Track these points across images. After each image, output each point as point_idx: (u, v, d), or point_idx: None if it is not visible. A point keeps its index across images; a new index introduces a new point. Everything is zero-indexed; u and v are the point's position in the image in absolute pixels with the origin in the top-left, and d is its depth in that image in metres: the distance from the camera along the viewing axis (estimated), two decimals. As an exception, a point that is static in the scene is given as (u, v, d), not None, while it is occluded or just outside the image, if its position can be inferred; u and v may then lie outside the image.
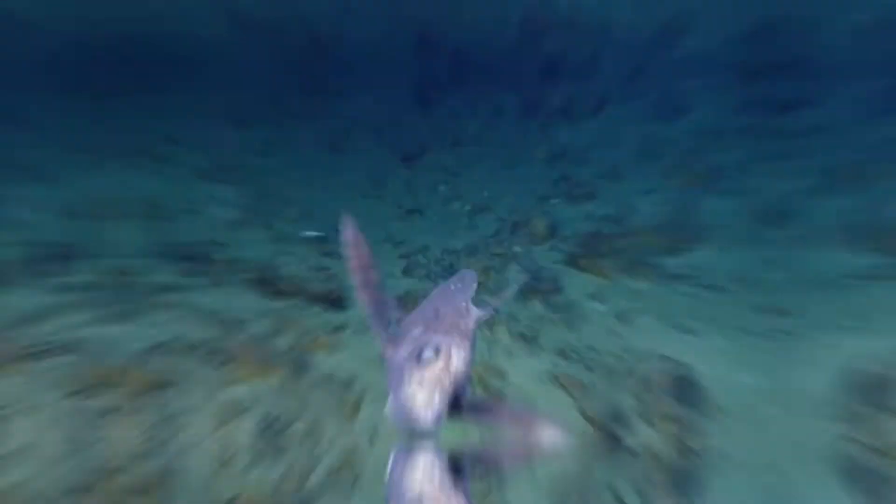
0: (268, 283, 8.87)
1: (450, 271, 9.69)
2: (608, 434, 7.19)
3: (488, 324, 8.41)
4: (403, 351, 3.26)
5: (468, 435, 3.34)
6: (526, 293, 9.44)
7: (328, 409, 6.78)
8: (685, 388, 7.50)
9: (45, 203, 9.98)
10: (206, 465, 5.69)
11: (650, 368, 7.70)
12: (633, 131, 14.79)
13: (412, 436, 3.18)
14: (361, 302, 3.90)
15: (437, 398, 3.03)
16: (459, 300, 3.67)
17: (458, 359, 3.14)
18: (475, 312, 3.52)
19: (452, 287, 3.90)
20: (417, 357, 3.13)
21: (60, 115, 12.78)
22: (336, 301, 8.78)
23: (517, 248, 10.57)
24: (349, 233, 3.95)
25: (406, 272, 9.87)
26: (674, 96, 15.67)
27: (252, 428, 6.18)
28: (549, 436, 3.43)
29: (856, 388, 7.34)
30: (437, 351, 3.12)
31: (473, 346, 3.32)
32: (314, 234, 10.58)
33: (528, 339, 8.13)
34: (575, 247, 10.42)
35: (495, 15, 19.18)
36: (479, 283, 9.10)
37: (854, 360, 7.68)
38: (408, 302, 8.85)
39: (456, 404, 3.15)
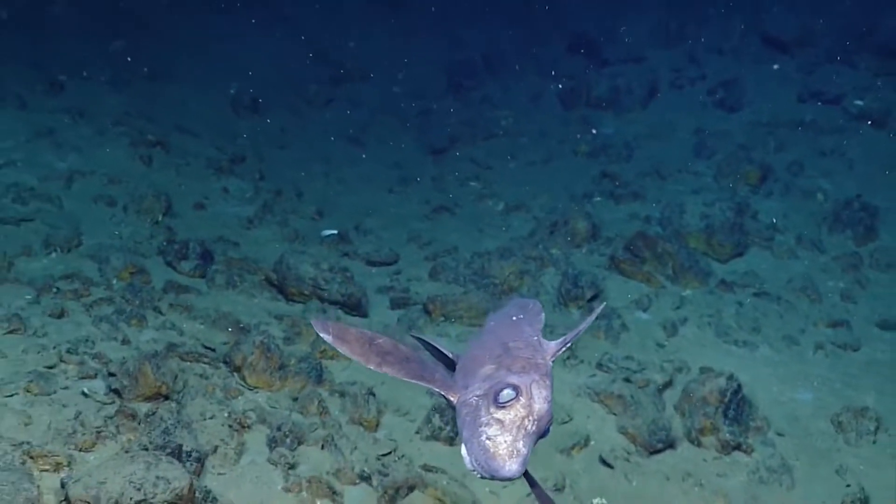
0: (282, 285, 9.08)
1: (481, 277, 9.85)
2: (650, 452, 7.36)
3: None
4: (475, 392, 3.13)
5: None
6: (565, 300, 9.61)
7: (346, 422, 6.99)
8: (734, 404, 7.63)
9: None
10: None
11: (696, 383, 7.83)
12: (685, 123, 14.89)
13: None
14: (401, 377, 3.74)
15: (521, 443, 2.87)
16: (529, 333, 3.56)
17: (539, 399, 3.00)
18: (550, 346, 3.43)
19: (514, 318, 3.80)
20: (495, 399, 2.98)
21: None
22: (355, 306, 8.98)
23: (555, 251, 10.72)
24: (333, 336, 3.48)
25: (432, 275, 10.05)
26: (732, 84, 15.74)
27: (264, 439, 6.39)
28: None
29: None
30: (516, 391, 2.98)
31: (552, 385, 3.16)
32: (332, 232, 10.78)
33: (566, 351, 8.27)
34: (618, 250, 10.55)
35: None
36: (513, 289, 9.33)
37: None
38: (433, 309, 9.06)
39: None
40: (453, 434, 7.11)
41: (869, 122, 13.92)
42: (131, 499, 4.95)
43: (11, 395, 6.13)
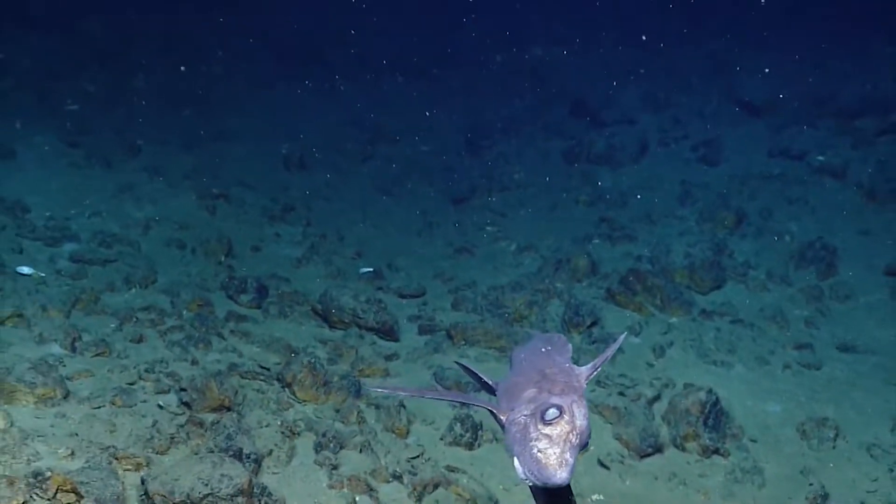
0: (326, 315, 9.17)
1: (496, 307, 9.89)
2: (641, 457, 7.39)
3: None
4: (522, 412, 3.16)
5: None
6: (568, 327, 9.63)
7: (381, 430, 7.05)
8: (713, 415, 7.66)
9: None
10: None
11: (680, 396, 7.85)
12: (671, 176, 14.90)
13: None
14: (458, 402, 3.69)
15: (568, 454, 2.94)
16: (561, 362, 3.57)
17: (580, 415, 3.06)
18: (583, 371, 3.45)
19: (543, 350, 3.78)
20: (541, 417, 3.03)
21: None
22: (388, 332, 9.05)
23: (559, 285, 10.75)
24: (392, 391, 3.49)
25: (454, 306, 10.10)
26: (711, 142, 15.76)
27: (311, 444, 6.45)
28: None
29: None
30: (560, 410, 3.03)
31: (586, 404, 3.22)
32: (369, 270, 10.84)
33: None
34: (613, 284, 10.57)
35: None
36: (523, 317, 9.37)
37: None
38: (455, 335, 9.12)
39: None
40: (472, 440, 7.16)
41: (829, 175, 13.92)
42: (200, 493, 5.04)
43: (99, 407, 6.24)
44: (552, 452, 2.94)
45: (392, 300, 10.00)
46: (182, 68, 17.79)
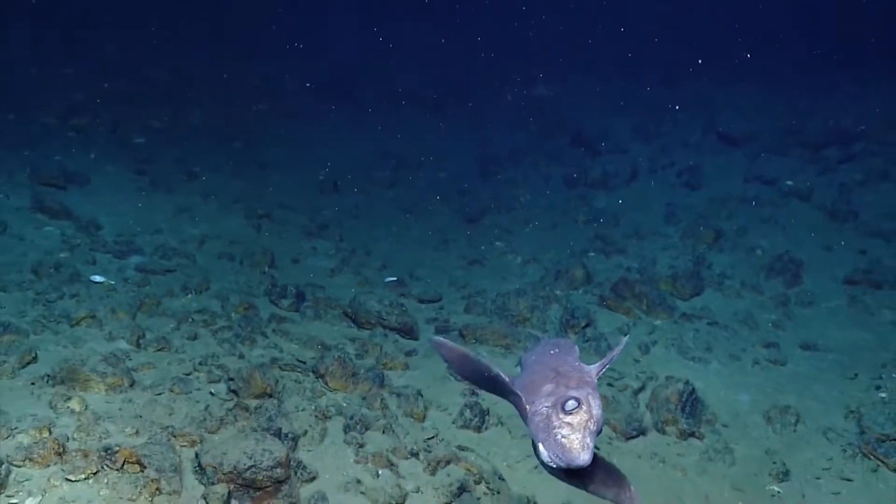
0: (355, 317, 9.30)
1: (503, 310, 9.95)
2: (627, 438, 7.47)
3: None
4: (544, 404, 3.20)
5: None
6: (564, 328, 9.71)
7: (401, 415, 7.17)
8: (689, 403, 7.73)
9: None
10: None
11: (662, 387, 7.93)
12: (658, 198, 14.95)
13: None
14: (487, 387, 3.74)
15: (588, 440, 3.01)
16: (571, 361, 3.58)
17: (595, 406, 3.10)
18: (593, 369, 3.45)
19: (552, 352, 3.80)
20: (562, 408, 3.08)
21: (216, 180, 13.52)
22: (409, 332, 9.15)
23: (558, 292, 10.82)
24: (444, 349, 3.54)
25: (466, 310, 10.19)
26: (694, 169, 15.80)
27: (341, 426, 6.58)
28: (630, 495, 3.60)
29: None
30: (578, 401, 3.07)
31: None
32: (393, 279, 10.95)
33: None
34: (606, 291, 10.64)
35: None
36: (526, 319, 9.43)
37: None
38: (467, 334, 9.22)
39: None
40: (480, 424, 7.25)
41: (797, 198, 13.94)
42: (245, 465, 5.20)
43: (160, 394, 6.41)
44: (575, 438, 3.01)
45: (412, 305, 10.08)
46: (232, 107, 18.11)
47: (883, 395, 8.23)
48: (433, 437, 6.85)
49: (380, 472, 6.06)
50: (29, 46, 19.00)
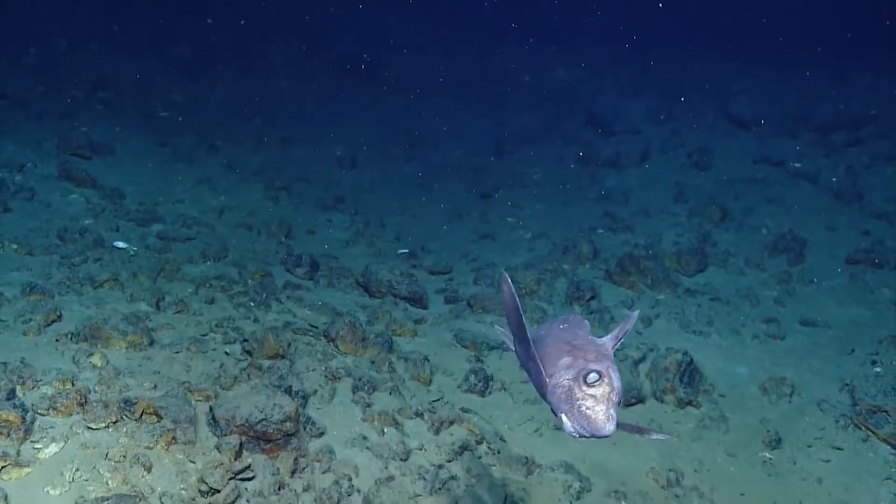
0: (367, 286, 9.44)
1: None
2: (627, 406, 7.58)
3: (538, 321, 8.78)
4: (565, 377, 3.16)
5: None
6: (570, 300, 9.81)
7: (408, 379, 7.32)
8: (688, 373, 7.82)
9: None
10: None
11: (661, 357, 8.02)
12: (668, 178, 14.93)
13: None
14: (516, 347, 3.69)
15: (611, 410, 3.01)
16: (583, 335, 3.54)
17: (615, 377, 3.09)
18: (607, 341, 3.41)
19: (561, 326, 3.72)
20: (584, 380, 3.05)
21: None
22: (418, 300, 9.29)
23: (565, 266, 10.88)
24: (506, 286, 3.37)
25: (475, 281, 10.30)
26: (704, 151, 15.76)
27: (349, 387, 6.73)
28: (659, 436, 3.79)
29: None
30: (599, 374, 3.05)
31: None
32: (405, 251, 11.08)
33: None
34: (611, 266, 10.69)
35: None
36: (533, 291, 9.52)
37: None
38: (474, 304, 9.34)
39: None
40: (484, 389, 7.40)
41: (804, 179, 13.91)
42: (256, 418, 5.37)
43: (178, 353, 6.58)
44: (599, 409, 3.01)
45: (423, 276, 10.21)
46: (254, 84, 18.24)
47: (878, 369, 8.28)
48: (438, 400, 7.00)
49: (385, 430, 6.22)
50: (58, 20, 19.15)
